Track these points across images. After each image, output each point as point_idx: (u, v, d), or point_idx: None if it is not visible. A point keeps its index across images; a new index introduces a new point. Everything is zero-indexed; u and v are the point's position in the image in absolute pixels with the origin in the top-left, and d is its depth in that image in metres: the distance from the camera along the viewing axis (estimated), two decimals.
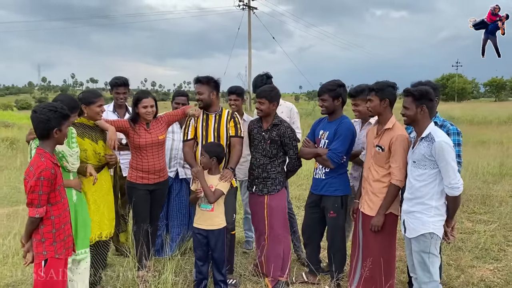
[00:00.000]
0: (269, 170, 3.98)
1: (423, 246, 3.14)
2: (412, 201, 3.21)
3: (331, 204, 3.86)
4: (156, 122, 4.14)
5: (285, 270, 4.05)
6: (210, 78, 4.02)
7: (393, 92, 3.53)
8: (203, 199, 3.76)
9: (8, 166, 10.45)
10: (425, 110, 3.14)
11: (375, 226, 3.47)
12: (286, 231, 4.13)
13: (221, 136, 4.00)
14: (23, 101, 70.28)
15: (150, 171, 4.05)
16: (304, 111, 27.58)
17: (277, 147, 3.95)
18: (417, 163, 3.15)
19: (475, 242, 5.26)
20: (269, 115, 3.99)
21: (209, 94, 3.99)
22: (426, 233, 3.11)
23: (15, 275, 4.15)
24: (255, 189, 4.07)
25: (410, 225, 3.21)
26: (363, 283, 3.64)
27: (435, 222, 3.11)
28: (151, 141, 4.02)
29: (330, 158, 3.75)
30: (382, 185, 3.49)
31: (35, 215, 2.71)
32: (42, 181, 2.67)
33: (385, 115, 3.52)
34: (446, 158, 2.99)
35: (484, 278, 4.30)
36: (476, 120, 24.83)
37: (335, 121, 3.88)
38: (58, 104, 2.89)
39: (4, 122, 21.03)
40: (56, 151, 3.17)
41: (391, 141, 3.39)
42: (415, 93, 3.14)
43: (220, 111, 4.08)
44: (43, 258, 2.80)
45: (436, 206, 3.11)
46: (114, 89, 4.73)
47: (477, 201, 7.14)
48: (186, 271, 4.35)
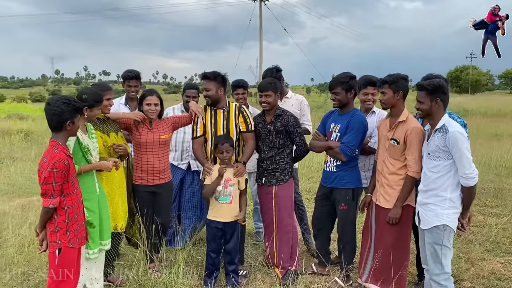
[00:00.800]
0: (278, 161, 4.01)
1: (436, 238, 3.14)
2: (426, 193, 3.21)
3: (343, 197, 3.87)
4: (161, 122, 4.11)
5: (294, 259, 4.12)
6: (217, 73, 3.99)
7: (406, 84, 3.54)
8: (222, 192, 3.82)
9: (23, 158, 10.63)
10: (439, 103, 3.13)
11: (393, 219, 3.49)
12: (293, 220, 4.20)
13: (231, 131, 4.02)
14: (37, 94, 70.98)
15: (149, 172, 4.01)
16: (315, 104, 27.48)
17: (283, 137, 3.98)
18: (432, 154, 3.15)
19: (486, 235, 5.25)
20: (274, 107, 4.01)
21: (216, 90, 3.97)
22: (439, 225, 3.11)
23: (31, 263, 4.25)
24: (264, 180, 4.10)
25: (424, 217, 3.21)
26: (375, 274, 3.67)
27: (449, 214, 3.11)
28: (152, 139, 3.99)
29: (343, 151, 3.76)
30: (398, 177, 3.50)
31: (49, 205, 2.78)
32: (56, 172, 2.74)
33: (398, 107, 3.52)
34: (460, 148, 2.98)
35: (494, 271, 4.29)
36: (490, 112, 24.44)
37: (347, 114, 3.88)
38: (71, 97, 2.95)
39: (19, 114, 21.38)
40: (83, 145, 3.25)
41: (406, 134, 3.39)
42: (428, 87, 3.13)
43: (228, 106, 4.08)
44: (57, 247, 2.88)
45: (451, 198, 3.10)
46: (126, 82, 4.77)
47: (489, 194, 7.09)
48: (197, 261, 4.42)
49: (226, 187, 3.82)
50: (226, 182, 3.82)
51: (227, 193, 3.83)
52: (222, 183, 3.82)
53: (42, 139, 13.41)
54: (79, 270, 3.15)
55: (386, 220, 3.53)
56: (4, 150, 11.70)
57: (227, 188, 3.82)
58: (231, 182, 3.82)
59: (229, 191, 3.82)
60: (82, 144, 3.25)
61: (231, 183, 3.83)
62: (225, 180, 3.82)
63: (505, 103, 29.49)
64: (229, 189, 3.83)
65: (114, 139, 3.79)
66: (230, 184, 3.83)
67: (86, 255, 3.30)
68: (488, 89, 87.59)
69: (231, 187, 3.83)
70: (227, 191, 3.83)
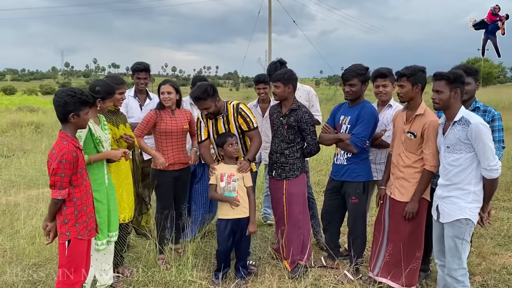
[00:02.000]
0: (287, 156, 3.97)
1: (457, 232, 3.07)
2: (448, 187, 3.13)
3: (353, 190, 3.84)
4: (181, 112, 4.27)
5: (305, 254, 4.07)
6: (205, 89, 3.79)
7: (424, 76, 3.46)
8: (225, 187, 3.81)
9: (33, 150, 10.73)
10: (458, 93, 3.06)
11: (410, 213, 3.45)
12: (306, 216, 4.12)
13: None
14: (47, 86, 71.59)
15: (175, 157, 4.17)
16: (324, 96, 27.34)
17: (294, 133, 3.93)
18: (452, 148, 3.07)
19: (497, 229, 5.19)
20: (286, 99, 3.95)
21: (214, 104, 3.86)
22: (461, 219, 3.04)
23: (42, 254, 4.29)
24: (274, 173, 4.08)
25: (445, 210, 3.14)
26: (387, 267, 3.65)
27: (472, 208, 3.05)
28: (176, 128, 4.13)
29: (353, 143, 3.72)
30: (414, 170, 3.45)
31: (57, 196, 2.79)
32: (64, 164, 2.74)
33: (416, 100, 3.46)
34: (484, 140, 2.91)
35: (506, 265, 4.24)
36: (502, 105, 24.13)
37: (357, 106, 3.82)
38: (79, 90, 2.93)
39: (30, 106, 21.59)
40: (95, 136, 3.27)
41: (423, 127, 3.34)
42: (449, 75, 3.04)
43: (226, 111, 3.99)
44: (67, 238, 2.89)
45: (474, 191, 3.04)
46: (136, 74, 4.80)
47: (501, 188, 6.99)
48: (206, 253, 4.43)
49: (229, 182, 3.80)
50: (229, 177, 3.80)
51: (231, 188, 3.80)
52: (225, 179, 3.80)
53: (52, 131, 13.52)
54: (89, 261, 3.17)
55: (403, 215, 3.49)
56: (15, 142, 11.81)
57: (230, 184, 3.80)
58: (234, 177, 3.80)
59: (233, 186, 3.80)
60: (94, 136, 3.27)
61: (234, 178, 3.80)
62: (228, 175, 3.80)
63: None
64: (232, 184, 3.80)
65: (122, 130, 3.81)
66: (233, 179, 3.80)
67: (96, 246, 3.33)
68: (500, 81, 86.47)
69: (235, 182, 3.80)
70: (230, 186, 3.80)
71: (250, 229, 3.85)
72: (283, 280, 3.86)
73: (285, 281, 3.84)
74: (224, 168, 3.85)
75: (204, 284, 3.77)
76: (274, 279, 3.84)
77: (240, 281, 3.83)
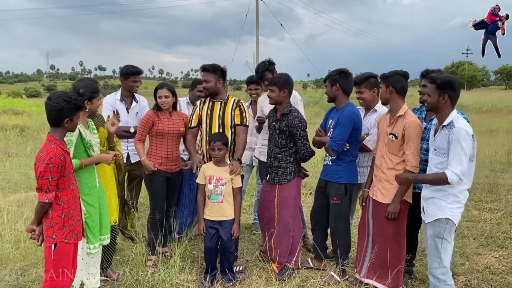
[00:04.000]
0: (280, 160, 4.00)
1: (437, 231, 3.15)
2: (431, 187, 3.21)
3: (335, 191, 3.89)
4: (178, 115, 4.29)
5: (293, 256, 4.07)
6: (216, 66, 4.05)
7: (399, 79, 3.55)
8: (213, 191, 3.82)
9: (18, 153, 10.59)
10: (447, 99, 3.09)
11: (392, 213, 3.51)
12: (297, 220, 4.13)
13: (226, 124, 4.04)
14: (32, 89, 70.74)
15: (169, 158, 4.19)
16: (312, 99, 27.45)
17: (286, 138, 3.96)
18: (438, 151, 3.14)
19: (481, 230, 5.28)
20: (281, 103, 3.98)
21: (215, 82, 4.03)
22: (442, 218, 3.12)
23: (27, 259, 4.24)
24: (268, 177, 4.11)
25: (428, 211, 3.22)
26: (373, 269, 3.69)
27: (452, 208, 3.11)
28: (173, 129, 4.15)
29: (330, 146, 3.79)
30: (396, 173, 3.51)
31: (44, 200, 2.77)
32: (52, 167, 2.73)
33: (396, 102, 3.55)
34: (461, 144, 2.95)
35: (489, 265, 4.32)
36: (485, 108, 24.55)
37: (340, 110, 3.90)
38: (73, 95, 2.94)
39: (14, 109, 21.26)
40: (85, 140, 3.27)
41: (404, 128, 3.42)
42: (438, 81, 3.08)
43: (226, 99, 4.12)
44: (53, 242, 2.88)
45: (454, 193, 3.10)
46: (131, 78, 4.69)
47: (484, 190, 7.13)
48: (193, 256, 4.43)
49: (217, 186, 3.82)
50: (217, 181, 3.82)
51: (218, 192, 3.82)
52: (213, 182, 3.82)
53: (38, 135, 13.36)
54: (76, 265, 3.15)
55: (385, 215, 3.55)
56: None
57: (217, 187, 3.81)
58: (222, 181, 3.81)
59: (220, 190, 3.82)
60: (84, 140, 3.27)
61: (222, 182, 3.81)
62: (217, 178, 3.81)
63: (500, 99, 29.60)
64: (220, 188, 3.81)
65: (103, 133, 3.78)
66: (221, 183, 3.81)
67: (87, 250, 3.32)
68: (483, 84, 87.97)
69: (222, 187, 3.81)
70: (217, 190, 3.82)
71: (235, 229, 3.89)
72: (270, 282, 3.88)
73: (272, 283, 3.86)
74: (213, 170, 3.86)
75: (192, 287, 3.78)
76: (261, 281, 3.86)
77: (227, 283, 3.84)
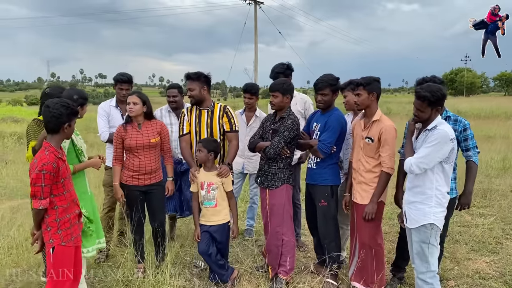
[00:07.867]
0: (270, 164, 3.99)
1: (423, 237, 3.19)
2: (412, 190, 3.25)
3: (322, 193, 3.92)
4: (150, 124, 4.05)
5: (285, 268, 3.91)
6: (200, 74, 4.06)
7: (379, 86, 3.67)
8: (205, 196, 3.86)
9: (15, 160, 10.61)
10: (439, 110, 3.15)
11: (369, 214, 3.56)
12: (287, 229, 3.94)
13: (214, 131, 4.06)
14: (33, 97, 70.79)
15: (141, 172, 3.98)
16: None
17: None
18: (416, 151, 3.19)
19: (472, 235, 5.29)
20: (282, 108, 3.95)
21: (200, 89, 4.04)
22: (426, 224, 3.15)
23: (19, 265, 4.26)
24: (258, 180, 4.12)
25: (411, 216, 3.25)
26: (358, 272, 3.73)
27: (436, 213, 3.14)
28: (142, 142, 3.94)
29: (319, 149, 3.82)
30: (374, 175, 3.60)
31: (38, 206, 2.82)
32: (44, 174, 2.76)
33: (373, 108, 3.64)
34: (435, 140, 3.00)
35: (479, 270, 4.33)
36: (483, 114, 24.60)
37: (327, 114, 3.94)
38: (69, 101, 3.00)
39: (13, 117, 21.32)
40: (77, 147, 3.36)
41: (380, 132, 3.51)
42: (432, 98, 3.05)
43: (212, 107, 4.12)
44: (51, 246, 2.92)
45: (436, 195, 3.13)
46: (118, 85, 4.75)
47: (477, 195, 7.12)
48: (185, 262, 4.44)
49: (208, 191, 3.85)
50: (208, 186, 3.85)
51: (211, 197, 3.86)
52: (205, 187, 3.85)
53: None
54: (80, 269, 3.20)
55: (362, 216, 3.60)
56: None
57: (209, 192, 3.85)
58: (213, 186, 3.84)
59: (212, 195, 3.85)
60: (76, 146, 3.34)
61: (213, 187, 3.85)
62: (208, 184, 3.85)
63: (498, 105, 29.64)
64: (212, 193, 3.85)
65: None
66: (212, 188, 3.85)
67: (82, 254, 3.34)
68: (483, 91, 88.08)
69: (214, 191, 3.85)
70: (210, 195, 3.85)
71: (234, 229, 3.97)
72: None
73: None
74: (203, 176, 3.90)
75: None
76: (251, 287, 3.87)
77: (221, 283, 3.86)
